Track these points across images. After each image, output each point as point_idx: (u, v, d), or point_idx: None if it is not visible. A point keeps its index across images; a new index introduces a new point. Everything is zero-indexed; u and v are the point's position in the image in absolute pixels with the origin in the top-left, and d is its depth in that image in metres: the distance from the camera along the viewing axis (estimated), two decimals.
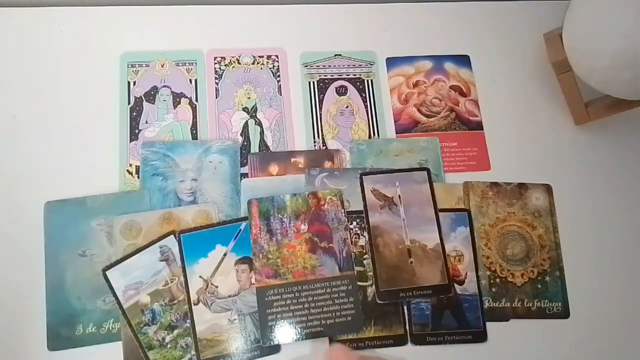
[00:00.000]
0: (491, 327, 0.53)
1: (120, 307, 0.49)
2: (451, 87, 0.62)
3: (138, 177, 0.54)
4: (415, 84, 0.61)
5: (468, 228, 0.55)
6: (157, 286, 0.50)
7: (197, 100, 0.58)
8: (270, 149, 0.57)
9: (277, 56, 0.61)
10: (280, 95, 0.59)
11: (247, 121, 0.58)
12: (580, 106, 0.59)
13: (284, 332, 0.50)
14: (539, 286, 0.54)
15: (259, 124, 0.58)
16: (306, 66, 0.61)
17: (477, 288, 0.53)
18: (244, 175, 0.55)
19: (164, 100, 0.58)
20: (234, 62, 0.60)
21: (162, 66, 0.59)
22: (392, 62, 0.62)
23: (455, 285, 0.53)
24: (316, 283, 0.51)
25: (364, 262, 0.53)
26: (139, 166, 0.54)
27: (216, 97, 0.58)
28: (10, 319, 0.50)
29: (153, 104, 0.57)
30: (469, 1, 0.66)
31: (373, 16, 0.63)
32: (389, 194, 0.55)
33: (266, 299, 0.50)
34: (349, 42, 0.62)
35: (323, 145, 0.58)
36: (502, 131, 0.60)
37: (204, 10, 0.62)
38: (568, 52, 0.54)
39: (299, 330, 0.50)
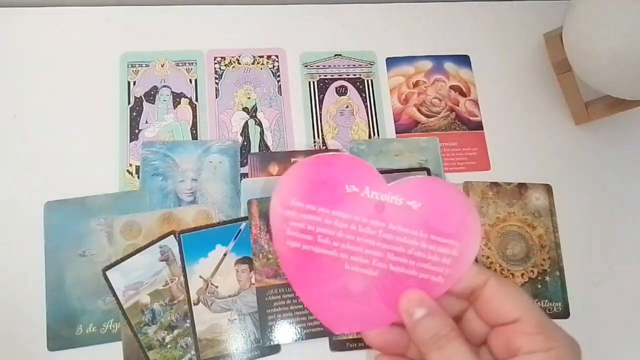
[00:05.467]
0: None
1: (120, 307, 0.49)
2: (451, 87, 0.62)
3: (138, 177, 0.54)
4: (415, 84, 0.61)
5: None
6: (157, 286, 0.50)
7: (197, 100, 0.58)
8: (270, 149, 0.57)
9: (277, 56, 0.61)
10: (280, 95, 0.59)
11: (247, 121, 0.58)
12: (580, 106, 0.59)
13: (284, 332, 0.50)
14: (539, 286, 0.54)
15: (259, 124, 0.58)
16: (306, 66, 0.61)
17: None
18: (244, 175, 0.55)
19: (164, 100, 0.58)
20: (234, 62, 0.60)
21: (162, 66, 0.59)
22: (392, 62, 0.62)
23: None
24: None
25: None
26: (139, 166, 0.54)
27: (216, 97, 0.58)
28: (10, 319, 0.50)
29: (153, 104, 0.57)
30: (469, 1, 0.66)
31: (373, 16, 0.63)
32: None
33: (266, 299, 0.50)
34: (349, 42, 0.62)
35: (323, 145, 0.58)
36: (502, 131, 0.60)
37: (204, 10, 0.61)
38: (568, 52, 0.54)
39: (299, 330, 0.50)
